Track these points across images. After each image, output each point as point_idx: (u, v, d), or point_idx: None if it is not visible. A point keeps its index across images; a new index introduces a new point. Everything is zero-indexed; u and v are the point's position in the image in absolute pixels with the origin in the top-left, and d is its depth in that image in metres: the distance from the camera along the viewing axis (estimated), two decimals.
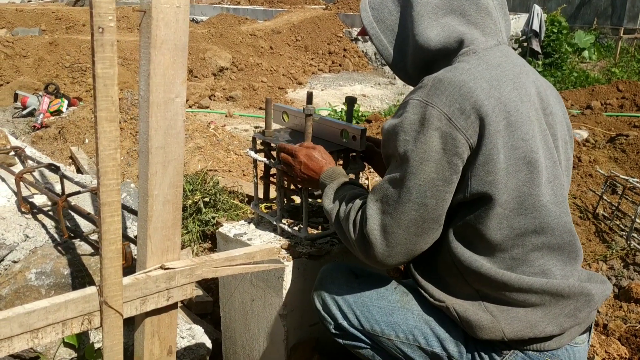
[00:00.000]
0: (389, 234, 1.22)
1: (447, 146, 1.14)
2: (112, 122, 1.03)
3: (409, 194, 1.18)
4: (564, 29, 9.83)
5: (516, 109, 1.17)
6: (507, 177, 1.15)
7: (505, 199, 1.16)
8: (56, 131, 4.81)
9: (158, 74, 1.09)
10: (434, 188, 1.17)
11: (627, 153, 4.29)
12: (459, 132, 1.13)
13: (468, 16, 1.24)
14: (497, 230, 1.19)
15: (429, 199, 1.17)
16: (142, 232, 1.21)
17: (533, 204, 1.18)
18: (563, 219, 1.23)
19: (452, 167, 1.15)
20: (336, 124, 1.77)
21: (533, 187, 1.17)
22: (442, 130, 1.13)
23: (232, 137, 4.78)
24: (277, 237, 1.82)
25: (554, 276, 1.24)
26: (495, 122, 1.13)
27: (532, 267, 1.23)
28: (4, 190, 1.88)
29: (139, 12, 1.07)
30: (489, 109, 1.13)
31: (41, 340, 1.09)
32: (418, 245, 1.24)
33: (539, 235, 1.21)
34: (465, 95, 1.13)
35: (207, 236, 2.97)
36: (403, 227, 1.21)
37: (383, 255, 1.24)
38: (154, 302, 1.23)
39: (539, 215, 1.19)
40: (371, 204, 1.25)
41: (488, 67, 1.20)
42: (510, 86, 1.19)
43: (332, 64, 10.44)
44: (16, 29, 10.77)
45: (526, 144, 1.16)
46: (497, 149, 1.13)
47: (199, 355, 1.76)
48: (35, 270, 1.60)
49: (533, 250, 1.22)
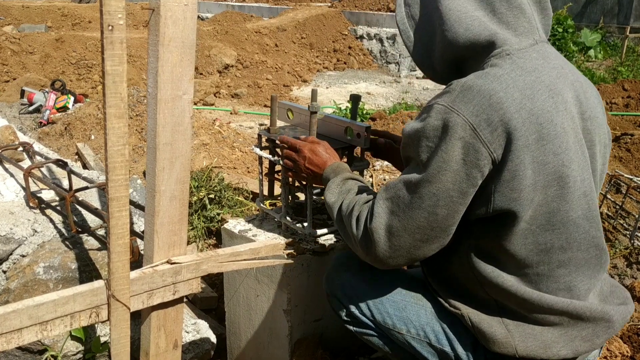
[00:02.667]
0: (394, 235, 1.18)
1: (469, 157, 1.08)
2: (120, 119, 1.04)
3: (421, 200, 1.13)
4: (569, 28, 9.79)
5: (550, 120, 1.09)
6: (533, 194, 1.10)
7: (531, 215, 1.12)
8: (62, 127, 4.84)
9: (166, 71, 1.11)
10: (447, 198, 1.11)
11: (631, 152, 4.28)
12: (483, 144, 1.07)
13: (499, 14, 1.16)
14: (521, 246, 1.15)
15: (440, 209, 1.12)
16: (149, 227, 1.23)
17: (561, 220, 1.13)
18: (591, 234, 1.18)
19: (470, 180, 1.09)
20: (341, 121, 1.79)
21: (563, 202, 1.12)
22: (465, 140, 1.07)
23: (237, 134, 4.79)
24: (281, 234, 1.84)
25: (577, 291, 1.21)
26: (525, 136, 1.07)
27: (558, 283, 1.19)
28: (13, 185, 1.90)
29: (148, 10, 1.08)
30: (518, 122, 1.07)
31: (50, 332, 1.11)
32: (421, 251, 1.20)
33: (565, 251, 1.17)
34: (495, 106, 1.07)
35: (212, 232, 2.99)
36: (409, 231, 1.16)
37: (384, 255, 1.21)
38: (160, 296, 1.25)
39: (566, 231, 1.15)
40: (381, 202, 1.20)
41: (523, 73, 1.12)
42: (545, 94, 1.11)
43: (337, 62, 10.44)
44: (22, 26, 10.82)
45: (558, 158, 1.09)
46: (524, 164, 1.07)
47: (203, 350, 1.78)
48: (43, 264, 1.62)
49: (559, 266, 1.18)
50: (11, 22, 11.29)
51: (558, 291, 1.19)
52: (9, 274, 1.64)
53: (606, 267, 1.28)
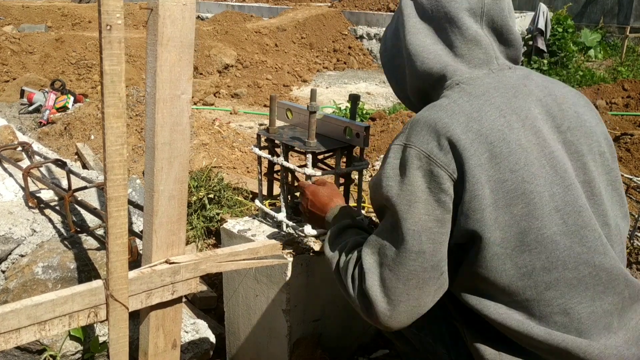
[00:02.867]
0: (389, 289, 1.13)
1: (432, 184, 1.09)
2: (119, 118, 1.04)
3: (404, 241, 1.11)
4: (569, 28, 9.79)
5: (502, 138, 1.09)
6: (496, 213, 1.07)
7: (501, 236, 1.08)
8: (62, 127, 4.84)
9: (164, 71, 1.11)
10: (428, 231, 1.10)
11: (631, 152, 4.28)
12: (441, 168, 1.09)
13: (454, 48, 1.20)
14: (501, 272, 1.10)
15: (425, 244, 1.10)
16: (147, 226, 1.23)
17: (536, 239, 1.08)
18: (576, 250, 1.10)
19: (441, 206, 1.10)
20: (340, 121, 1.79)
21: (533, 220, 1.08)
22: (423, 168, 1.10)
23: (236, 134, 4.79)
24: (280, 233, 1.83)
25: (577, 315, 1.11)
26: (476, 155, 1.07)
27: (551, 306, 1.11)
28: (12, 185, 1.90)
29: (146, 9, 1.08)
30: (466, 142, 1.08)
31: (48, 332, 1.11)
32: (422, 301, 1.14)
33: (550, 272, 1.10)
34: (441, 131, 1.10)
35: (211, 232, 2.99)
36: (403, 280, 1.12)
37: (385, 315, 1.15)
38: (159, 295, 1.25)
39: (544, 250, 1.09)
40: (367, 258, 1.18)
41: (470, 98, 1.14)
42: (495, 115, 1.12)
43: (337, 62, 10.45)
44: (22, 26, 10.82)
45: (516, 174, 1.08)
46: (480, 183, 1.07)
47: (202, 350, 1.78)
48: (42, 264, 1.62)
49: (547, 289, 1.10)
50: (11, 22, 11.29)
51: (553, 315, 1.11)
52: (8, 274, 1.64)
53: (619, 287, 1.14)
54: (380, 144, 4.69)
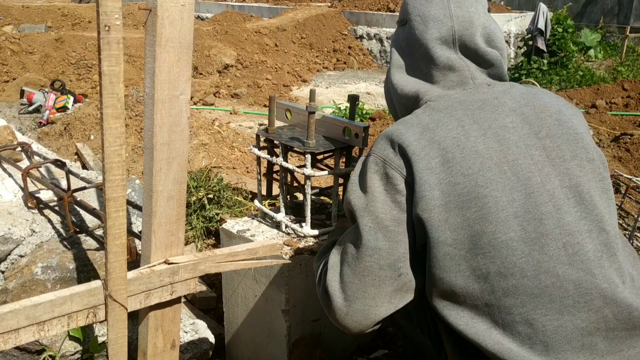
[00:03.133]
0: (346, 284, 1.19)
1: (388, 186, 1.16)
2: (117, 119, 1.04)
3: (362, 238, 1.17)
4: (569, 28, 9.78)
5: (456, 145, 1.13)
6: (447, 214, 1.10)
7: (453, 237, 1.10)
8: (62, 127, 4.84)
9: (163, 71, 1.11)
10: (384, 229, 1.15)
11: (631, 152, 4.29)
12: (394, 169, 1.16)
13: (430, 76, 1.28)
14: (456, 272, 1.11)
15: (381, 242, 1.15)
16: (146, 227, 1.23)
17: (489, 242, 1.08)
18: (535, 258, 1.08)
19: (397, 205, 1.16)
20: (339, 121, 1.79)
21: (487, 224, 1.09)
22: (380, 172, 1.18)
23: (236, 134, 4.79)
24: (279, 234, 1.84)
25: (541, 327, 1.07)
26: (426, 159, 1.13)
27: (512, 314, 1.09)
28: (11, 186, 1.90)
29: (145, 10, 1.08)
30: (417, 148, 1.14)
31: (47, 332, 1.11)
32: (378, 300, 1.18)
33: (506, 278, 1.08)
34: (395, 139, 1.18)
35: (210, 232, 2.99)
36: (359, 275, 1.17)
37: (341, 311, 1.19)
38: (157, 296, 1.25)
39: (499, 255, 1.08)
40: (332, 256, 1.25)
41: (431, 113, 1.20)
42: (452, 124, 1.16)
43: (337, 62, 10.44)
44: (22, 26, 10.82)
45: (469, 179, 1.10)
46: (429, 185, 1.11)
47: (202, 350, 1.78)
48: (41, 265, 1.62)
49: (505, 295, 1.09)
50: (11, 22, 11.29)
51: (516, 324, 1.08)
52: (7, 274, 1.65)
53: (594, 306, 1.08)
54: None
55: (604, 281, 1.09)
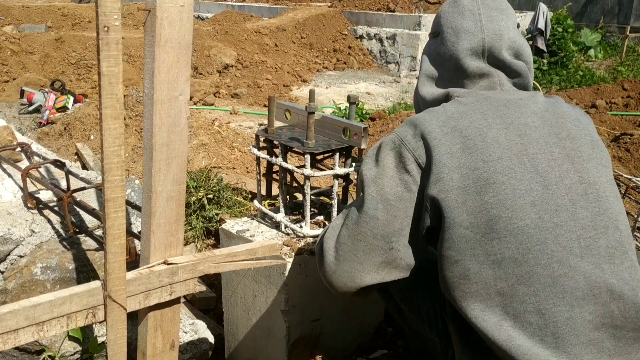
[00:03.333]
0: (340, 244, 1.29)
1: (399, 164, 1.23)
2: (116, 120, 1.04)
3: (363, 205, 1.25)
4: (569, 27, 9.79)
5: (477, 134, 1.18)
6: (464, 197, 1.14)
7: (470, 221, 1.13)
8: (62, 127, 4.84)
9: (162, 72, 1.11)
10: (385, 202, 1.23)
11: (631, 152, 4.29)
12: (408, 151, 1.23)
13: (460, 85, 1.34)
14: (471, 256, 1.13)
15: (380, 212, 1.23)
16: (145, 227, 1.23)
17: (506, 227, 1.11)
18: (550, 247, 1.10)
19: (403, 184, 1.22)
20: (338, 122, 1.79)
21: (503, 209, 1.12)
22: (395, 150, 1.25)
23: (236, 134, 4.79)
24: (279, 234, 1.84)
25: (552, 317, 1.09)
26: (447, 144, 1.19)
27: (524, 304, 1.10)
28: (11, 186, 1.90)
29: (144, 10, 1.08)
30: (439, 134, 1.20)
31: (46, 333, 1.11)
32: (365, 267, 1.25)
33: (521, 264, 1.10)
34: (419, 125, 1.24)
35: (210, 233, 2.99)
36: (353, 238, 1.26)
37: (330, 268, 1.30)
38: (157, 296, 1.26)
39: (514, 240, 1.11)
40: (335, 220, 1.36)
41: (457, 106, 1.26)
42: (477, 116, 1.22)
43: (337, 62, 10.44)
44: (22, 26, 10.82)
45: (489, 165, 1.15)
46: (447, 167, 1.16)
47: (201, 350, 1.78)
48: (40, 265, 1.62)
49: (519, 282, 1.10)
50: (11, 22, 11.28)
51: (527, 314, 1.09)
52: (7, 275, 1.65)
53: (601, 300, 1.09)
54: None
55: (612, 277, 1.11)
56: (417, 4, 10.97)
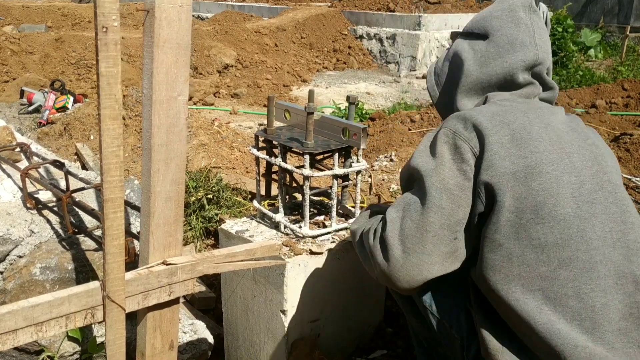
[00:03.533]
0: (407, 237, 1.26)
1: (456, 155, 1.26)
2: (115, 120, 1.04)
3: (428, 195, 1.25)
4: (569, 27, 9.78)
5: (523, 128, 1.26)
6: (514, 183, 1.20)
7: (516, 206, 1.19)
8: (62, 127, 4.84)
9: (161, 72, 1.11)
10: (448, 192, 1.24)
11: (631, 152, 4.28)
12: (464, 141, 1.27)
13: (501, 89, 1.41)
14: (514, 240, 1.19)
15: (445, 202, 1.24)
16: (144, 228, 1.23)
17: (550, 213, 1.18)
18: (588, 235, 1.18)
19: (462, 174, 1.25)
20: (338, 122, 1.79)
21: (548, 196, 1.19)
22: (449, 143, 1.28)
23: (236, 135, 4.79)
24: (278, 234, 1.84)
25: (590, 302, 1.15)
26: (497, 135, 1.24)
27: (565, 287, 1.16)
28: (10, 186, 1.90)
29: (143, 11, 1.08)
30: (489, 125, 1.26)
31: (45, 333, 1.11)
32: (432, 258, 1.25)
33: (563, 249, 1.17)
34: (469, 117, 1.30)
35: (210, 233, 2.99)
36: (421, 229, 1.25)
37: (398, 262, 1.26)
38: (156, 297, 1.26)
39: (557, 226, 1.18)
40: (391, 212, 1.31)
41: (498, 107, 1.34)
42: (519, 114, 1.29)
43: (336, 62, 10.43)
44: (22, 26, 10.81)
45: (536, 155, 1.22)
46: (499, 155, 1.22)
47: (200, 350, 1.78)
48: (40, 265, 1.62)
49: (561, 267, 1.16)
50: (11, 22, 11.28)
51: (567, 298, 1.15)
52: (6, 275, 1.65)
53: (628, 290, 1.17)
54: (380, 144, 4.68)
55: (638, 269, 1.19)
56: (417, 4, 10.96)
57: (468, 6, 11.58)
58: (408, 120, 5.39)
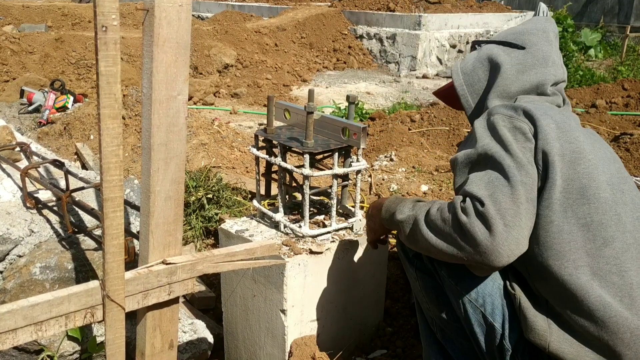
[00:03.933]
0: (506, 210, 1.22)
1: (517, 135, 1.34)
2: (114, 119, 1.04)
3: (509, 174, 1.27)
4: (569, 27, 9.78)
5: (563, 120, 1.37)
6: (562, 164, 1.30)
7: (563, 186, 1.28)
8: (62, 127, 4.84)
9: (160, 71, 1.11)
10: (524, 168, 1.28)
11: (631, 152, 4.28)
12: (522, 122, 1.36)
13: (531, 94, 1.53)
14: (563, 218, 1.28)
15: (525, 177, 1.27)
16: (144, 227, 1.23)
17: (594, 195, 1.29)
18: (623, 219, 1.30)
19: (529, 151, 1.32)
20: (338, 121, 1.79)
21: (591, 181, 1.30)
22: (507, 126, 1.36)
23: (236, 134, 4.79)
24: (278, 234, 1.84)
25: (629, 279, 1.26)
26: (545, 122, 1.34)
27: (609, 264, 1.26)
28: (10, 186, 1.90)
29: (143, 10, 1.08)
30: (536, 112, 1.36)
31: (45, 332, 1.11)
32: (525, 233, 1.25)
33: (606, 228, 1.28)
34: (517, 106, 1.41)
35: (210, 232, 2.99)
36: (517, 202, 1.24)
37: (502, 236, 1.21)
38: (155, 296, 1.25)
39: (601, 207, 1.28)
40: (477, 190, 1.26)
41: (535, 104, 1.45)
42: (554, 110, 1.42)
43: (336, 62, 10.43)
44: (22, 25, 10.81)
45: (578, 143, 1.34)
46: (551, 136, 1.32)
47: (200, 350, 1.78)
48: (39, 265, 1.62)
49: (605, 244, 1.27)
50: (11, 22, 11.27)
51: (611, 274, 1.25)
52: (6, 274, 1.65)
53: None
54: (380, 143, 4.68)
55: None
56: (417, 4, 10.96)
57: (468, 6, 11.58)
58: (408, 120, 5.39)
